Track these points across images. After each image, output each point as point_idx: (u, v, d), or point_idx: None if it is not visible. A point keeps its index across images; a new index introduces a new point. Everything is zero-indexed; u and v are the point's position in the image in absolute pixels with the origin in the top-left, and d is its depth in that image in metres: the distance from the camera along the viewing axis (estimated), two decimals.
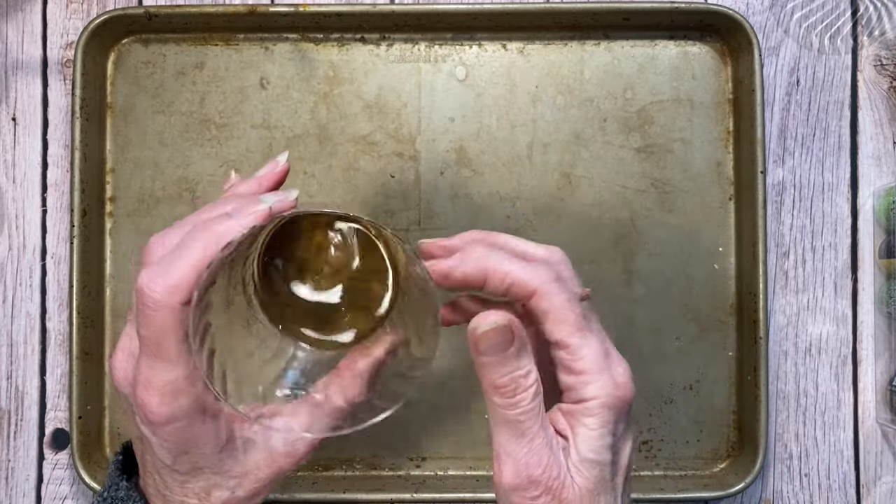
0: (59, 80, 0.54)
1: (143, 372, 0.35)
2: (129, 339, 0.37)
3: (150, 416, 0.35)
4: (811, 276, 0.53)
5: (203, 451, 0.36)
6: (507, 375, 0.34)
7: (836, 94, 0.54)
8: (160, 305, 0.34)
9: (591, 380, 0.34)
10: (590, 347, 0.35)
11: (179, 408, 0.35)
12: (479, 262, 0.36)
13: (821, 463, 0.53)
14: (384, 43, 0.54)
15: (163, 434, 0.36)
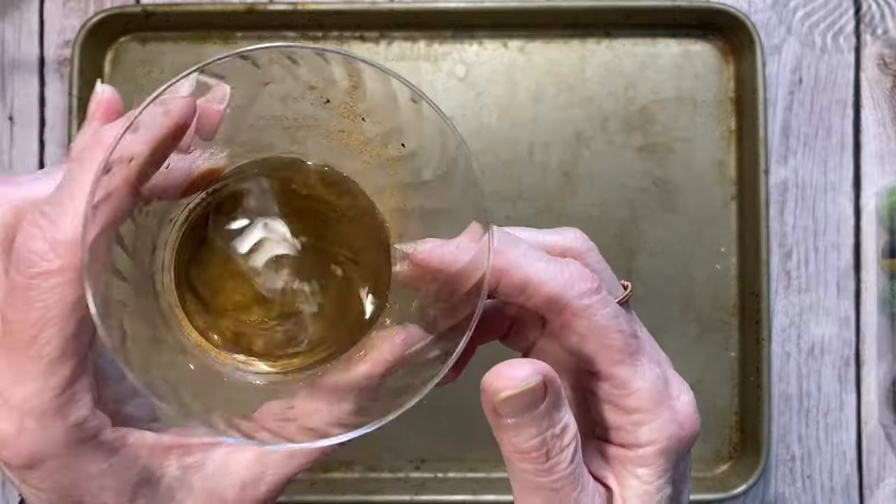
0: (57, 79, 0.54)
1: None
2: None
3: (5, 452, 0.24)
4: (814, 277, 0.53)
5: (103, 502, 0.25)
6: (536, 437, 0.26)
7: (839, 92, 0.54)
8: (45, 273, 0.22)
9: (646, 419, 0.27)
10: (644, 378, 0.27)
11: (53, 439, 0.24)
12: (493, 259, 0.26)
13: (823, 465, 0.53)
14: (383, 41, 0.53)
15: (33, 481, 0.24)
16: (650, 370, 0.27)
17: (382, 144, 0.26)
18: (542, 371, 0.25)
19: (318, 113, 0.25)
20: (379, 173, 0.27)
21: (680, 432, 0.27)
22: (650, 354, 0.27)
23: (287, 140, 0.27)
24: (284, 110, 0.26)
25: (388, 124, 0.25)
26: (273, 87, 0.24)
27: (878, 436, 0.53)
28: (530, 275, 0.26)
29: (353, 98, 0.25)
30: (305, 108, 0.25)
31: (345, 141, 0.26)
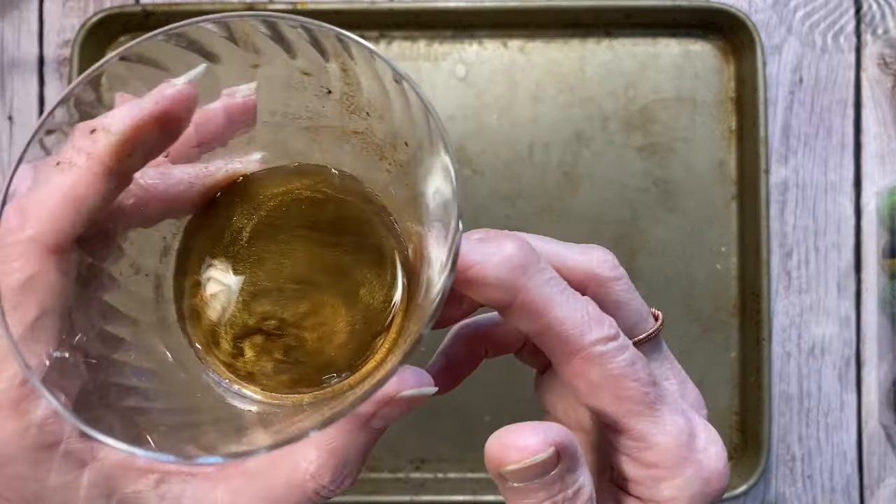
0: (56, 79, 0.54)
1: None
2: None
3: None
4: (814, 277, 0.53)
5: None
6: (546, 501, 0.23)
7: (840, 92, 0.54)
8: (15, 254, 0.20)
9: (667, 475, 0.24)
10: (665, 432, 0.24)
11: (9, 439, 0.22)
12: (515, 275, 0.23)
13: (824, 465, 0.53)
14: (383, 41, 0.53)
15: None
16: (672, 422, 0.24)
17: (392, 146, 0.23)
18: (555, 440, 0.22)
19: (325, 108, 0.23)
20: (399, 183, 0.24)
21: (705, 489, 0.24)
22: (673, 404, 0.25)
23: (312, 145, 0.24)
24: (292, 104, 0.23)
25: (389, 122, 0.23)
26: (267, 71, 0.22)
27: (879, 436, 0.53)
28: (549, 307, 0.23)
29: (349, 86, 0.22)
30: (311, 100, 0.23)
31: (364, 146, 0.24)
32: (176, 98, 0.21)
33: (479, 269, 0.22)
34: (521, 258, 0.23)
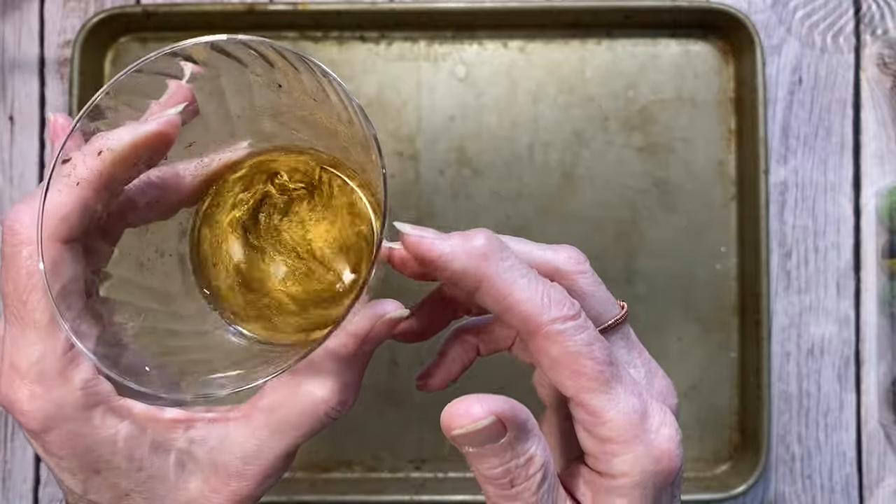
0: (57, 79, 0.54)
1: (7, 353, 0.26)
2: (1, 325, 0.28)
3: (23, 418, 0.26)
4: (814, 277, 0.53)
5: (118, 468, 0.27)
6: (499, 467, 0.26)
7: (839, 92, 0.54)
8: (26, 241, 0.25)
9: (619, 451, 0.26)
10: (617, 409, 0.26)
11: (58, 402, 0.26)
12: (479, 263, 0.26)
13: (823, 464, 0.53)
14: (384, 41, 0.53)
15: (52, 447, 0.26)
16: (626, 401, 0.26)
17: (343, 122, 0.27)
18: (498, 410, 0.25)
19: (281, 98, 0.28)
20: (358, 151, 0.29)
21: (655, 467, 0.26)
22: (630, 385, 0.27)
23: (282, 128, 0.29)
24: (256, 99, 0.28)
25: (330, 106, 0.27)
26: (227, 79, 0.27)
27: (878, 436, 0.53)
28: (511, 289, 0.26)
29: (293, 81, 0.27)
30: (269, 95, 0.28)
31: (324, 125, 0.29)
32: (169, 125, 0.26)
33: (448, 258, 0.26)
34: (485, 248, 0.26)
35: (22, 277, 0.25)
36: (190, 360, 0.28)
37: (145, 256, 0.29)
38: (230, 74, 0.27)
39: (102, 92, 0.25)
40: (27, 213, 0.26)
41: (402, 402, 0.52)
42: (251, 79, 0.27)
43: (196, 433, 0.28)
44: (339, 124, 0.28)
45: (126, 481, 0.27)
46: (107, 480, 0.27)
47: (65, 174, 0.25)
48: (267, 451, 0.28)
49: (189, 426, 0.28)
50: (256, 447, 0.28)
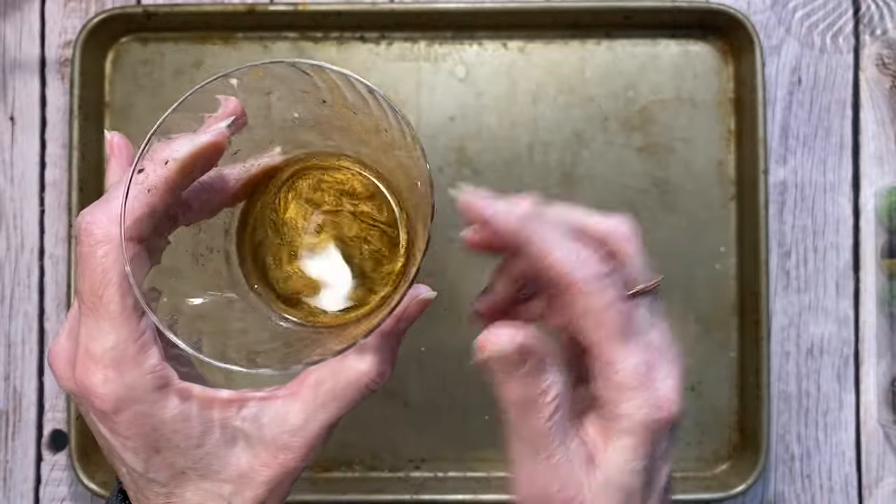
0: (58, 80, 0.54)
1: (83, 342, 0.29)
2: (75, 318, 0.31)
3: (97, 400, 0.29)
4: (813, 277, 0.53)
5: (177, 446, 0.30)
6: (517, 393, 0.30)
7: (838, 93, 0.54)
8: (101, 240, 0.28)
9: (627, 396, 0.29)
10: (627, 360, 0.29)
11: (131, 384, 0.29)
12: (524, 223, 0.30)
13: (822, 464, 0.53)
14: (384, 42, 0.53)
15: (120, 428, 0.29)
16: (636, 354, 0.30)
17: (376, 132, 0.31)
18: (522, 342, 0.29)
19: (323, 111, 0.31)
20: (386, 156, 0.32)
21: (657, 413, 0.29)
22: (641, 341, 0.30)
23: (318, 136, 0.33)
24: (300, 111, 0.32)
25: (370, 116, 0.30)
26: (276, 95, 0.30)
27: (877, 435, 0.53)
28: (550, 248, 0.29)
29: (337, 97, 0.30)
30: (312, 108, 0.31)
31: (357, 132, 0.32)
32: (220, 135, 0.30)
33: (499, 217, 0.30)
34: (530, 210, 0.30)
35: (98, 274, 0.28)
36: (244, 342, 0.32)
37: (199, 252, 0.33)
38: (280, 92, 0.30)
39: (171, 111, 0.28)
40: (102, 216, 0.29)
41: (403, 402, 0.52)
42: (299, 96, 0.31)
43: (248, 411, 0.31)
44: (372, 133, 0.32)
45: (183, 459, 0.30)
46: (166, 459, 0.30)
47: (139, 182, 0.28)
48: (313, 424, 0.31)
49: (242, 405, 0.31)
50: (304, 420, 0.31)
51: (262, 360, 0.30)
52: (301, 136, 0.33)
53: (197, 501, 0.31)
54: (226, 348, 0.30)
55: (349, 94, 0.30)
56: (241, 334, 0.32)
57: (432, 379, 0.52)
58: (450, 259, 0.53)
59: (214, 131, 0.30)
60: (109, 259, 0.28)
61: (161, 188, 0.29)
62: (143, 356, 0.29)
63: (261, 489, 0.31)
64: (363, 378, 0.32)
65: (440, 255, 0.53)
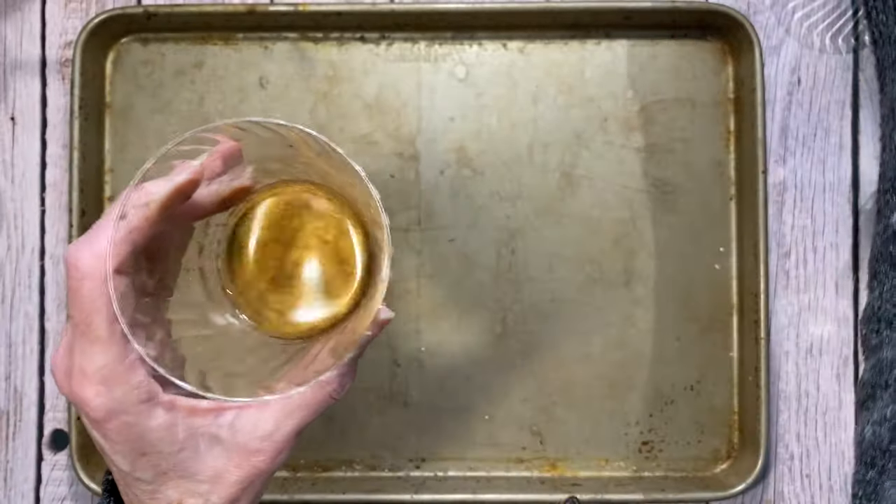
0: (58, 80, 0.54)
1: (76, 360, 0.33)
2: (71, 335, 0.34)
3: (90, 411, 0.33)
4: (812, 277, 0.53)
5: (161, 451, 0.33)
6: None
7: (838, 93, 0.54)
8: (87, 275, 0.32)
9: None
10: None
11: (119, 398, 0.32)
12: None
13: (822, 464, 0.53)
14: (384, 42, 0.53)
15: (110, 434, 0.33)
16: None
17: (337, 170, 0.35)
18: None
19: (287, 152, 0.35)
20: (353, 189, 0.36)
21: None
22: None
23: (285, 166, 0.37)
24: (270, 151, 0.35)
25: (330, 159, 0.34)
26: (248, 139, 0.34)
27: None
28: None
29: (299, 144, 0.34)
30: (279, 150, 0.35)
31: (322, 167, 0.36)
32: (194, 173, 0.33)
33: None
34: None
35: (86, 304, 0.32)
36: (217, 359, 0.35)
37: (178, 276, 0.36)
38: (249, 139, 0.34)
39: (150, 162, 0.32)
40: (87, 252, 0.32)
41: (403, 402, 0.53)
42: (267, 141, 0.34)
43: (224, 419, 0.35)
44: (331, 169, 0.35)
45: (165, 462, 0.34)
46: (150, 461, 0.34)
47: (122, 226, 0.32)
48: (282, 430, 0.35)
49: (219, 414, 0.35)
50: (274, 426, 0.35)
51: (240, 383, 0.33)
52: (269, 166, 0.37)
53: (177, 498, 0.34)
54: (207, 371, 0.33)
55: (312, 143, 0.33)
56: (218, 354, 0.35)
57: (432, 379, 0.53)
58: (449, 259, 0.53)
59: (188, 170, 0.33)
60: (95, 292, 0.32)
61: (143, 227, 0.33)
62: (131, 374, 0.33)
63: (234, 488, 0.35)
64: (327, 388, 0.35)
65: (440, 255, 0.53)
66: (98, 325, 0.32)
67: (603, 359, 0.53)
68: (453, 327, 0.53)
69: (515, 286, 0.53)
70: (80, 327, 0.32)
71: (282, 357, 0.36)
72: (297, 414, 0.35)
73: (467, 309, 0.53)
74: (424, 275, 0.53)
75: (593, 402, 0.53)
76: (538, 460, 0.53)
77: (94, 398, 0.32)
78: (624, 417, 0.53)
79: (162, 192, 0.33)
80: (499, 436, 0.53)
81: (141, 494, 0.34)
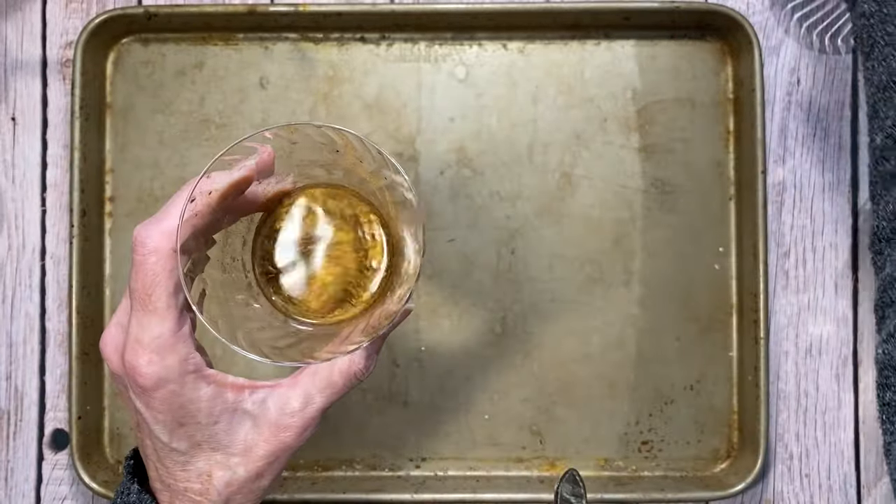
0: (59, 80, 0.54)
1: (132, 331, 0.35)
2: (124, 312, 0.37)
3: (140, 378, 0.35)
4: (812, 276, 0.53)
5: (198, 422, 0.36)
6: None
7: (837, 93, 0.54)
8: (152, 251, 0.35)
9: None
10: None
11: (169, 367, 0.35)
12: None
13: (821, 463, 0.53)
14: (384, 42, 0.53)
15: (155, 403, 0.35)
16: None
17: (377, 176, 0.38)
18: None
19: (334, 157, 0.38)
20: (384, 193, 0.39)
21: None
22: None
23: (324, 173, 0.40)
24: (316, 156, 0.38)
25: (373, 165, 0.38)
26: (299, 145, 0.37)
27: (876, 434, 0.53)
28: None
29: (346, 149, 0.37)
30: (326, 155, 0.38)
31: (360, 174, 0.39)
32: (250, 170, 0.36)
33: None
34: None
35: (149, 277, 0.35)
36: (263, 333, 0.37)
37: (226, 261, 0.39)
38: (302, 141, 0.37)
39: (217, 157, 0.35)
40: (155, 231, 0.35)
41: (403, 402, 0.53)
42: (318, 146, 0.37)
43: (257, 396, 0.37)
44: (370, 175, 0.38)
45: (200, 433, 0.36)
46: (187, 432, 0.36)
47: (190, 209, 0.35)
48: (310, 407, 0.37)
49: (253, 391, 0.37)
50: (302, 404, 0.37)
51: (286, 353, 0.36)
52: (312, 171, 0.40)
53: (207, 469, 0.37)
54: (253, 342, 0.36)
55: (359, 147, 0.37)
56: (261, 331, 0.38)
57: (432, 379, 0.53)
58: (449, 259, 0.53)
59: (245, 167, 0.36)
60: (158, 266, 0.35)
61: (205, 212, 0.35)
62: (182, 345, 0.35)
63: (261, 462, 0.37)
64: (353, 368, 0.38)
65: (440, 255, 0.53)
66: (158, 296, 0.35)
67: (603, 359, 0.53)
68: (453, 327, 0.53)
69: (515, 286, 0.53)
70: (141, 299, 0.35)
71: (312, 339, 0.39)
72: (324, 392, 0.37)
73: (467, 309, 0.53)
74: (424, 275, 0.53)
75: (593, 401, 0.53)
76: (538, 460, 0.53)
77: (146, 366, 0.35)
78: (624, 417, 0.53)
79: (224, 183, 0.35)
80: (499, 436, 0.53)
81: (172, 466, 0.37)
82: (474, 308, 0.53)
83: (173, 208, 0.35)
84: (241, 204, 0.39)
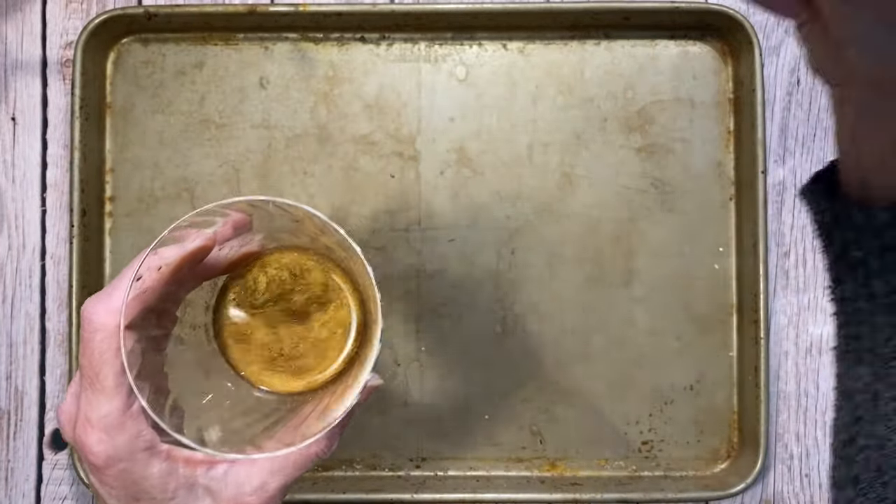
0: (59, 80, 0.54)
1: (82, 408, 0.35)
2: (77, 384, 0.36)
3: (91, 456, 0.34)
4: (812, 276, 0.53)
5: (153, 497, 0.35)
6: None
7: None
8: (98, 328, 0.34)
9: None
10: None
11: (120, 446, 0.34)
12: None
13: (822, 463, 0.53)
14: (384, 42, 0.53)
15: (108, 480, 0.34)
16: None
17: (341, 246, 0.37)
18: None
19: (293, 225, 0.38)
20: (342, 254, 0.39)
21: None
22: None
23: (290, 236, 0.40)
24: (278, 223, 0.38)
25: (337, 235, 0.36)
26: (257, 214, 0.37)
27: None
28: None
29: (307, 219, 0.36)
30: (286, 223, 0.38)
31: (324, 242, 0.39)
32: (207, 239, 0.36)
33: None
34: None
35: (95, 356, 0.34)
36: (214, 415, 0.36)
37: (184, 332, 0.38)
38: (259, 213, 0.37)
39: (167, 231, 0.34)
40: (101, 308, 0.34)
41: (403, 402, 0.53)
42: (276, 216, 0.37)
43: (216, 472, 0.36)
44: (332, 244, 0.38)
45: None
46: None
47: (136, 286, 0.34)
48: (268, 486, 0.36)
49: (211, 466, 0.36)
50: (261, 482, 0.36)
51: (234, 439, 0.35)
52: (277, 235, 0.40)
53: None
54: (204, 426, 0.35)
55: (316, 221, 0.36)
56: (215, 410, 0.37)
57: (432, 379, 0.53)
58: (449, 259, 0.53)
59: (202, 237, 0.36)
60: (104, 344, 0.34)
61: (156, 287, 0.35)
62: (133, 424, 0.34)
63: None
64: (313, 449, 0.37)
65: (440, 255, 0.53)
66: (105, 375, 0.34)
67: (603, 359, 0.53)
68: (453, 327, 0.53)
69: (515, 286, 0.53)
70: (89, 377, 0.34)
71: (276, 415, 0.38)
72: (284, 472, 0.37)
73: (467, 309, 0.53)
74: (424, 275, 0.53)
75: (593, 401, 0.53)
76: (538, 460, 0.53)
77: (95, 444, 0.34)
78: (624, 417, 0.53)
79: (175, 258, 0.35)
80: (499, 436, 0.53)
81: None
82: (474, 308, 0.53)
83: (122, 282, 0.35)
84: (202, 270, 0.38)
